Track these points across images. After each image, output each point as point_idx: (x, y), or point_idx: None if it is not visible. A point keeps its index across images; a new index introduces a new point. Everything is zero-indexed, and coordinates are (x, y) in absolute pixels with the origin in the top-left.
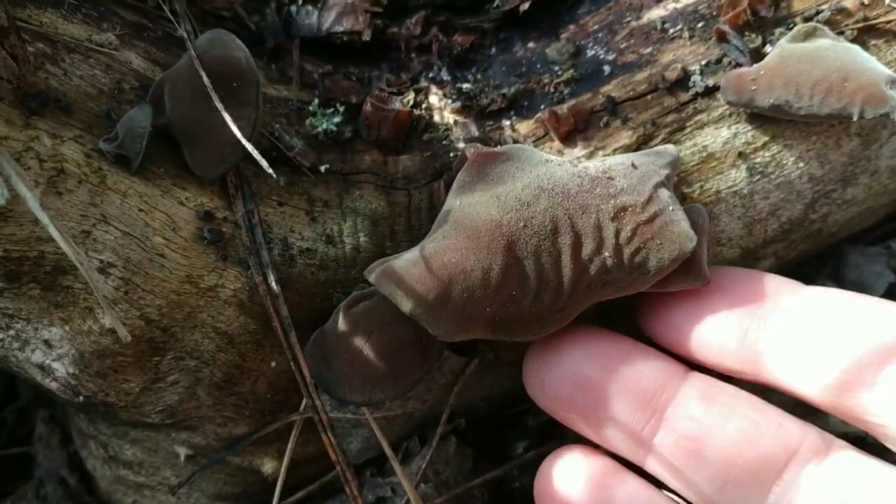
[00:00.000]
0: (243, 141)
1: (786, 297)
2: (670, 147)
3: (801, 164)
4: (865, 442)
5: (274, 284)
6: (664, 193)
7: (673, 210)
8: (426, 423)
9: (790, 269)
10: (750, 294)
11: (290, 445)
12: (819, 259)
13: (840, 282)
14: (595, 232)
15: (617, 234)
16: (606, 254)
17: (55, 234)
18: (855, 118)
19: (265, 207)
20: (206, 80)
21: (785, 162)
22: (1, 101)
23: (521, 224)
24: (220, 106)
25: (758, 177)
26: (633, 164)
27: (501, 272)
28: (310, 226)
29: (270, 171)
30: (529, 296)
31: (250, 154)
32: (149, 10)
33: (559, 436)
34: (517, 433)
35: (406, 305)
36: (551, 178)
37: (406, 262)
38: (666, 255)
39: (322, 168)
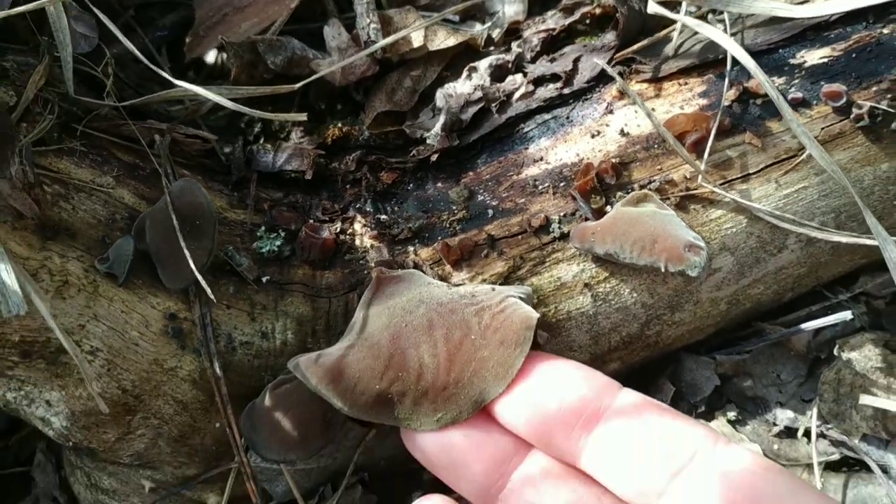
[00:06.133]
0: (196, 273)
1: (605, 399)
2: (525, 287)
3: (635, 295)
4: None
5: (218, 370)
6: (513, 299)
7: (519, 303)
8: (338, 475)
9: (638, 370)
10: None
11: (228, 485)
12: (661, 362)
13: (677, 381)
14: (462, 324)
15: (479, 323)
16: (473, 336)
17: (57, 332)
18: (663, 270)
19: (216, 310)
20: (175, 222)
21: (622, 292)
22: (25, 230)
23: (404, 324)
24: (182, 244)
25: (600, 302)
26: (492, 289)
27: (388, 359)
28: (250, 324)
29: (212, 296)
30: (412, 376)
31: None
32: (142, 150)
33: (448, 488)
34: (414, 484)
35: (311, 381)
36: (430, 294)
37: (317, 355)
38: (518, 325)
39: (263, 279)
